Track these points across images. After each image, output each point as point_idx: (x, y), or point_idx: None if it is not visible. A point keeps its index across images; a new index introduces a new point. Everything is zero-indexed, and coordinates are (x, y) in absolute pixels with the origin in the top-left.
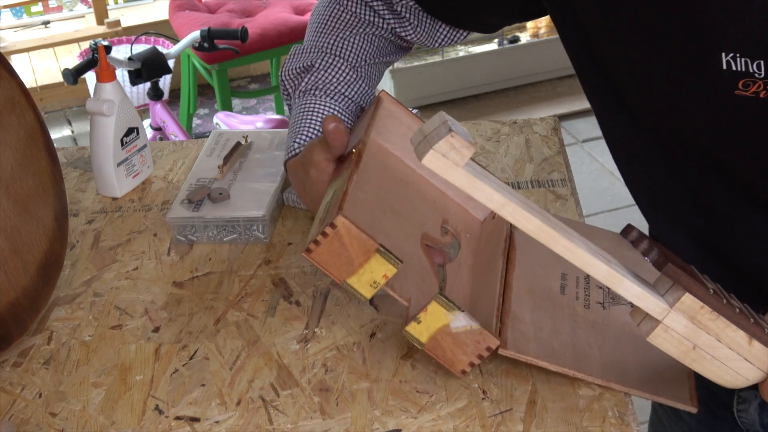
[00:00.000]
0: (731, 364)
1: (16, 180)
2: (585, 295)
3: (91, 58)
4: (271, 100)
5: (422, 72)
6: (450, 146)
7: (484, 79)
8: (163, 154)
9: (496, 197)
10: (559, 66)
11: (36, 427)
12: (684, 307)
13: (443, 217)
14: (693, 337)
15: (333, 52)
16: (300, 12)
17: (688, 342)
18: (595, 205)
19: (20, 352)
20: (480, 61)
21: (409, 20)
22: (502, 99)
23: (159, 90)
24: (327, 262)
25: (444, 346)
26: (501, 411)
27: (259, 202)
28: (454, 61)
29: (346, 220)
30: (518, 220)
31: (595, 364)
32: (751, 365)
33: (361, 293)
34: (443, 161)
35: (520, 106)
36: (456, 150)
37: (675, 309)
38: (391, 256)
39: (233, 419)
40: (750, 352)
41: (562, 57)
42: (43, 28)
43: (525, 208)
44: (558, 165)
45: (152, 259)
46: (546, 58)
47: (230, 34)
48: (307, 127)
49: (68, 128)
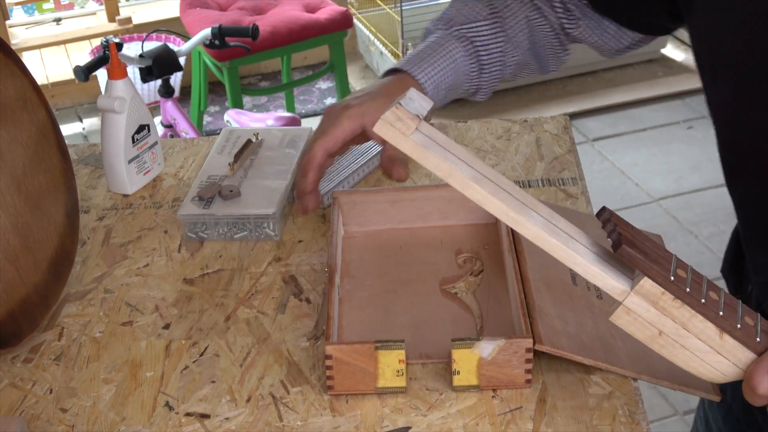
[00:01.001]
0: (704, 356)
1: (28, 177)
2: (596, 286)
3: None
4: (281, 97)
5: None
6: (396, 117)
7: None
8: (174, 151)
9: (443, 166)
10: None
11: (47, 423)
12: (643, 291)
13: (456, 249)
14: (658, 323)
15: (498, 14)
16: (311, 10)
17: (654, 328)
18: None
19: (31, 348)
20: None
21: (575, 14)
22: (512, 97)
23: (170, 87)
24: (349, 385)
25: (494, 375)
26: (511, 409)
27: (270, 200)
28: None
29: (335, 345)
30: (464, 189)
31: (623, 356)
32: (726, 360)
33: (396, 386)
34: (392, 130)
35: (530, 105)
36: (402, 121)
37: (634, 292)
38: (391, 343)
39: (243, 416)
40: (722, 346)
41: (573, 55)
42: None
43: (473, 178)
44: (569, 164)
45: (163, 256)
46: None
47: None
48: (432, 65)
49: (79, 125)
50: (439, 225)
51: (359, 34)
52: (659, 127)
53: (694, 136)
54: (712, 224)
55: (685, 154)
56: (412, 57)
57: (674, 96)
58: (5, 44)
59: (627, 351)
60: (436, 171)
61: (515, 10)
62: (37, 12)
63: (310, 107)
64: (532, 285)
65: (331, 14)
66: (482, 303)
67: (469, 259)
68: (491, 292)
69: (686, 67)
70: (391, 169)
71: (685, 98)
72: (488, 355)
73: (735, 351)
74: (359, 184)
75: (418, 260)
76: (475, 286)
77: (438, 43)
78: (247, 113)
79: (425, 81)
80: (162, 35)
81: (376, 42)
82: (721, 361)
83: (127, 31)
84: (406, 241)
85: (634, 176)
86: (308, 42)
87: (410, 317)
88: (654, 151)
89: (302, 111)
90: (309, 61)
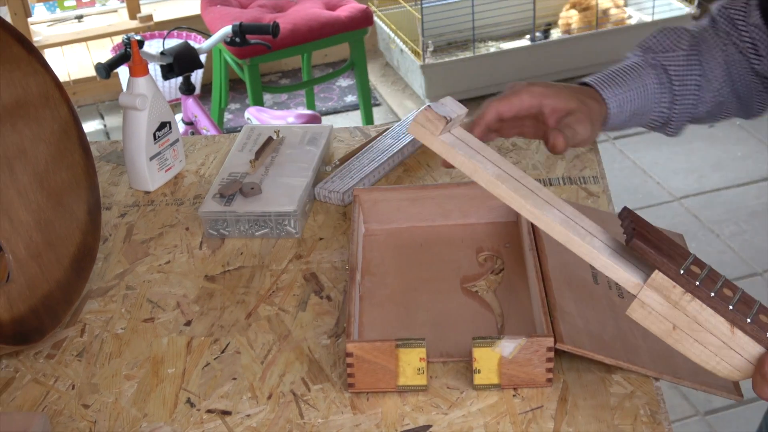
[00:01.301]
0: (717, 351)
1: (50, 173)
2: (617, 284)
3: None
4: (302, 95)
5: (453, 67)
6: (426, 118)
7: (514, 75)
8: (195, 148)
9: (468, 164)
10: (590, 62)
11: (68, 419)
12: (655, 284)
13: (477, 247)
14: (672, 317)
15: (697, 47)
16: (331, 8)
17: (668, 322)
18: (627, 202)
19: (54, 344)
20: (511, 57)
21: (760, 51)
22: None
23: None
24: (370, 383)
25: (515, 374)
26: (532, 408)
27: (291, 197)
28: (484, 57)
29: (356, 343)
30: (488, 185)
31: (645, 356)
32: (738, 355)
33: (417, 385)
34: (422, 130)
35: None
36: (430, 121)
37: (647, 285)
38: (412, 341)
39: (264, 413)
40: (734, 340)
41: (593, 53)
42: (76, 22)
43: (496, 176)
44: (590, 162)
45: (184, 253)
46: (577, 55)
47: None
48: (620, 86)
49: (101, 122)
50: (459, 223)
51: (379, 32)
52: None
53: (716, 135)
54: (734, 223)
55: (706, 152)
56: (601, 74)
57: None
58: (28, 41)
59: (648, 350)
60: (462, 168)
61: (712, 45)
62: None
63: (331, 105)
64: (553, 283)
65: (352, 12)
66: (503, 301)
67: (490, 258)
68: (512, 290)
69: None
70: (548, 136)
71: None
72: (509, 354)
73: (747, 346)
74: (380, 182)
75: (439, 258)
76: (495, 285)
77: (631, 66)
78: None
79: (609, 99)
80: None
81: (396, 40)
82: (734, 356)
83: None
84: (426, 239)
85: (656, 175)
86: (329, 39)
87: (431, 315)
88: (675, 150)
89: (323, 108)
90: (329, 59)
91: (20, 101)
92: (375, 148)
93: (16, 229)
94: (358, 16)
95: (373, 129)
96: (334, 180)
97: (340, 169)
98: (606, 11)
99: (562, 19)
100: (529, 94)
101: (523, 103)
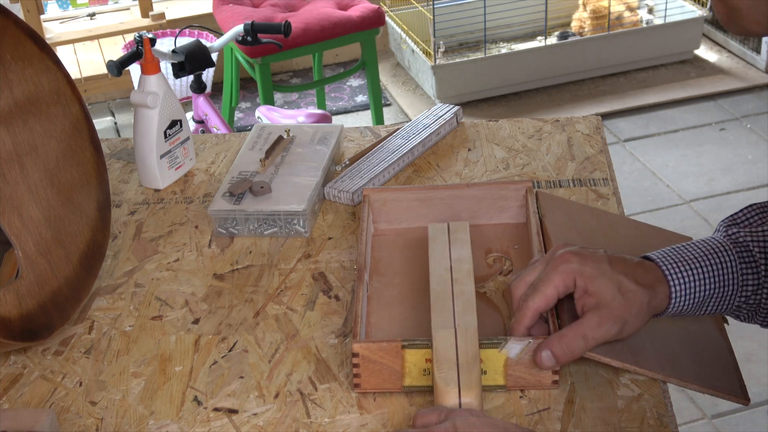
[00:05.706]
0: None
1: (61, 170)
2: None
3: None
4: (312, 94)
5: (464, 69)
6: None
7: (526, 77)
8: (206, 146)
9: None
10: (602, 64)
11: (76, 416)
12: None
13: (485, 248)
14: None
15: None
16: (343, 7)
17: None
18: (637, 204)
19: (62, 340)
20: (522, 58)
21: None
22: (544, 97)
23: (202, 83)
24: (376, 383)
25: (521, 376)
26: (539, 410)
27: (300, 197)
28: (496, 58)
29: (362, 343)
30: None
31: (651, 359)
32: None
33: (423, 385)
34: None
35: (562, 105)
36: None
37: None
38: (417, 342)
39: (271, 412)
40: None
41: (605, 55)
42: (88, 20)
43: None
44: (600, 164)
45: (193, 251)
46: (589, 57)
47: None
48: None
49: (112, 119)
50: (469, 224)
51: (391, 32)
52: (691, 129)
53: (726, 137)
54: None
55: (716, 155)
56: (669, 249)
57: (707, 97)
58: (40, 38)
59: (656, 353)
60: None
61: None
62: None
63: (341, 104)
64: None
65: (364, 12)
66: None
67: (498, 259)
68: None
69: (719, 69)
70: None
71: (717, 100)
72: (516, 356)
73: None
74: (390, 182)
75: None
76: (504, 286)
77: (708, 242)
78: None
79: (673, 280)
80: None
81: (407, 40)
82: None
83: (161, 26)
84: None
85: (666, 177)
86: (340, 39)
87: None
88: (685, 153)
89: (333, 108)
90: (340, 59)
91: (32, 98)
92: (385, 149)
93: (26, 226)
94: (370, 16)
95: (384, 129)
96: (343, 180)
97: (349, 168)
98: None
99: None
100: (562, 276)
101: (558, 292)
